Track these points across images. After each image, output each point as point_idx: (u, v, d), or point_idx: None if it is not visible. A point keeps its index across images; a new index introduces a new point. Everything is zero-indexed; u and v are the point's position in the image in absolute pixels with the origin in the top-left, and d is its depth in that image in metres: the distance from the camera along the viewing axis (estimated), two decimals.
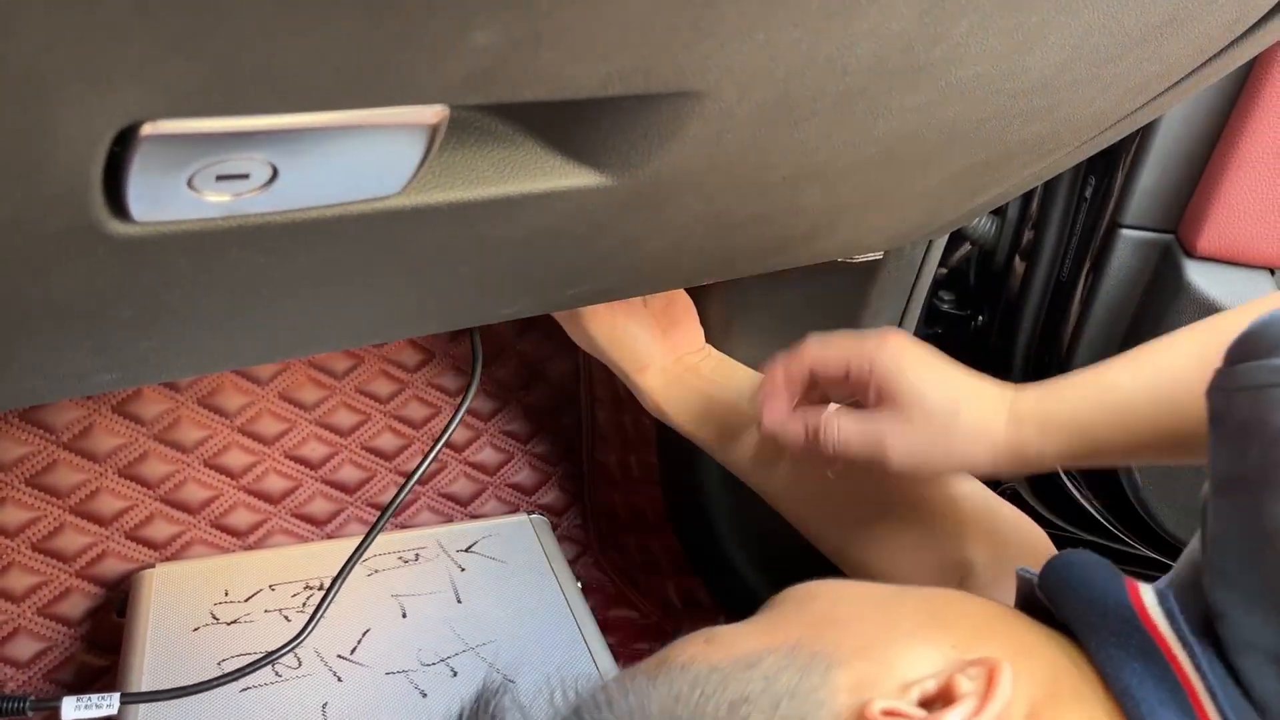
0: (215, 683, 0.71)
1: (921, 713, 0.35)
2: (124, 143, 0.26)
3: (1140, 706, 0.36)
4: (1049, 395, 0.55)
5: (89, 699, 0.68)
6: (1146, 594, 0.39)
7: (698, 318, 0.82)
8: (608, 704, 0.38)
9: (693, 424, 0.76)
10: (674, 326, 0.80)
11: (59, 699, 0.68)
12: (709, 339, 0.82)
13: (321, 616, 0.77)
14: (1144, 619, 0.38)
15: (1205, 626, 0.38)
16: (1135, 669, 0.37)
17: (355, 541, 0.80)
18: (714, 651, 0.40)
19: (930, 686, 0.37)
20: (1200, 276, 0.71)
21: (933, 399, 0.55)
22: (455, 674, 0.76)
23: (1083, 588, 0.41)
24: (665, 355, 0.79)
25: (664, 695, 0.37)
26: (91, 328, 0.37)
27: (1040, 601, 0.43)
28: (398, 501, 0.79)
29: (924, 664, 0.38)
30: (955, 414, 0.55)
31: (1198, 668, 0.36)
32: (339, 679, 0.74)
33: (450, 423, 0.78)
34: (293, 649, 0.75)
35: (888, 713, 0.35)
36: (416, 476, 0.79)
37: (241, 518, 0.94)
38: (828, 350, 0.60)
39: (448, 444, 1.04)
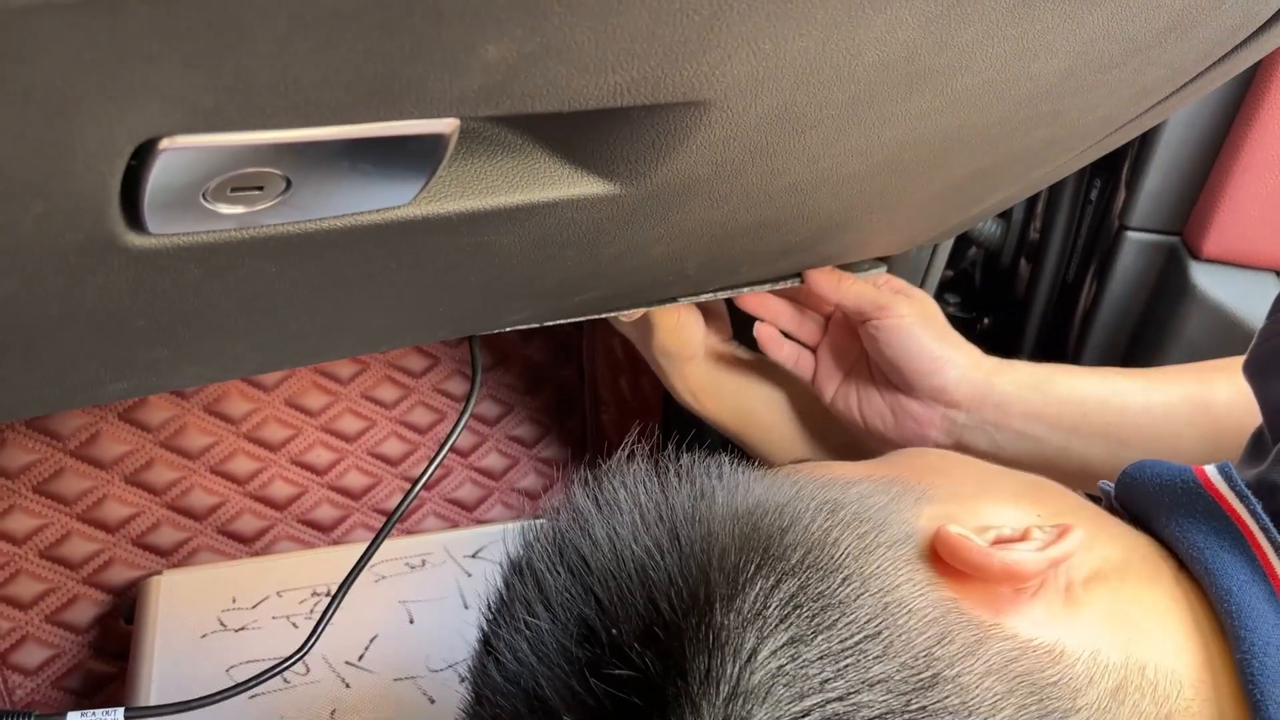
0: (221, 695, 0.71)
1: (985, 543, 0.37)
2: (142, 157, 0.27)
3: (1206, 555, 0.39)
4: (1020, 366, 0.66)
5: (93, 714, 0.69)
6: (1208, 468, 0.42)
7: (727, 311, 0.82)
8: (710, 495, 0.38)
9: (730, 414, 0.77)
10: (710, 317, 0.80)
11: (64, 713, 0.68)
12: None
13: (328, 624, 0.77)
14: (1206, 485, 0.41)
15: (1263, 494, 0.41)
16: (1202, 529, 0.40)
17: (362, 547, 0.80)
18: (818, 469, 0.42)
19: (1005, 533, 0.39)
20: (1206, 279, 0.71)
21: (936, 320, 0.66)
22: (463, 679, 0.76)
23: (1153, 478, 0.44)
24: (703, 345, 0.79)
25: (761, 488, 0.39)
26: (106, 338, 0.37)
27: (1118, 511, 0.46)
28: (404, 507, 0.79)
29: (1007, 519, 0.40)
30: (948, 330, 0.65)
31: (1256, 519, 0.39)
32: (347, 685, 0.74)
33: (454, 429, 0.78)
34: (301, 658, 0.75)
35: (959, 536, 0.37)
36: (422, 482, 0.79)
37: (248, 524, 0.95)
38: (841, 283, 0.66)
39: (453, 449, 1.04)
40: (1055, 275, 0.80)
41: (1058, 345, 0.81)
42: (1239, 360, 0.51)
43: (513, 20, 0.27)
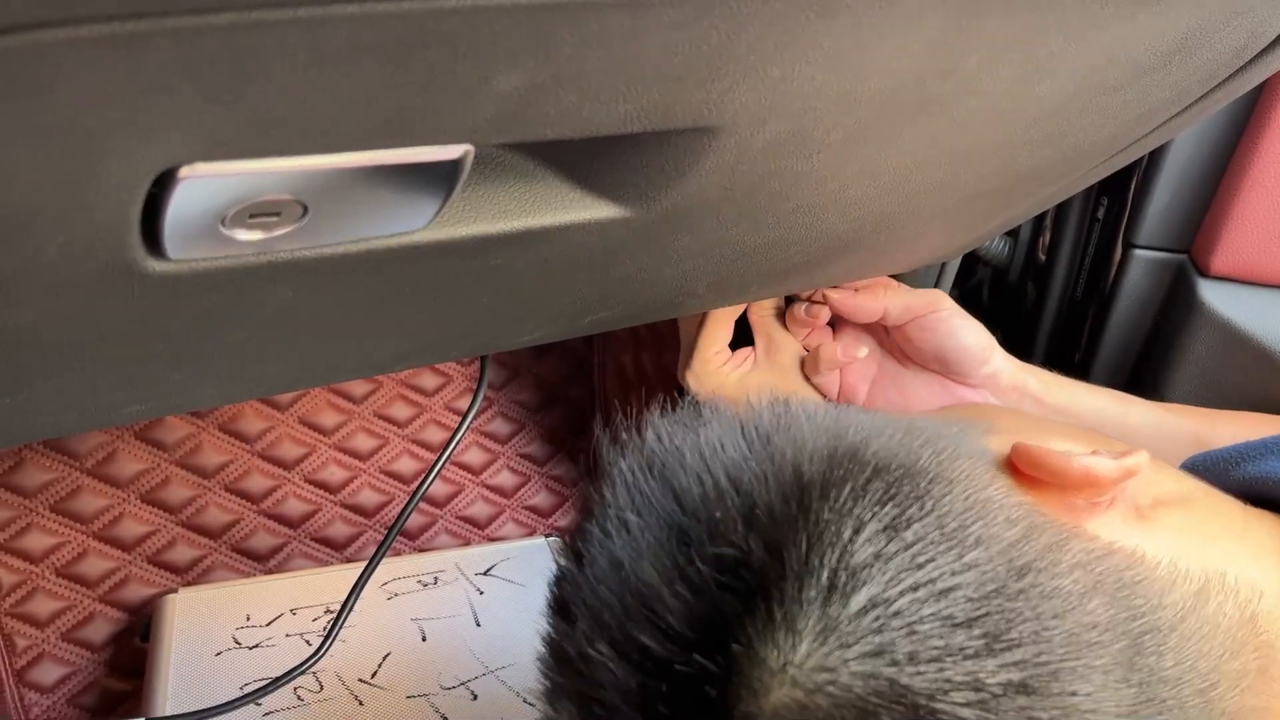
0: (234, 704, 0.72)
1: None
2: (162, 185, 0.27)
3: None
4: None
5: None
6: None
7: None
8: (793, 412, 0.39)
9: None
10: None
11: None
12: None
13: (336, 637, 0.78)
14: None
15: None
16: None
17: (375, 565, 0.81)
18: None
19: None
20: (1214, 296, 0.71)
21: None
22: (475, 697, 0.77)
23: (1212, 459, 0.46)
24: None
25: (838, 412, 0.39)
26: (125, 362, 0.38)
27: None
28: (405, 515, 0.79)
29: (1070, 449, 0.41)
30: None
31: None
32: (360, 702, 0.75)
33: (453, 438, 0.78)
34: (309, 668, 0.76)
35: (1037, 445, 0.38)
36: (421, 492, 0.79)
37: (262, 541, 0.95)
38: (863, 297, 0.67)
39: (465, 467, 1.05)
40: (1063, 293, 0.80)
41: (1065, 362, 0.81)
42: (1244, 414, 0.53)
43: (525, 52, 0.27)
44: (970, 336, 0.66)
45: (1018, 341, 0.85)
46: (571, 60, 0.28)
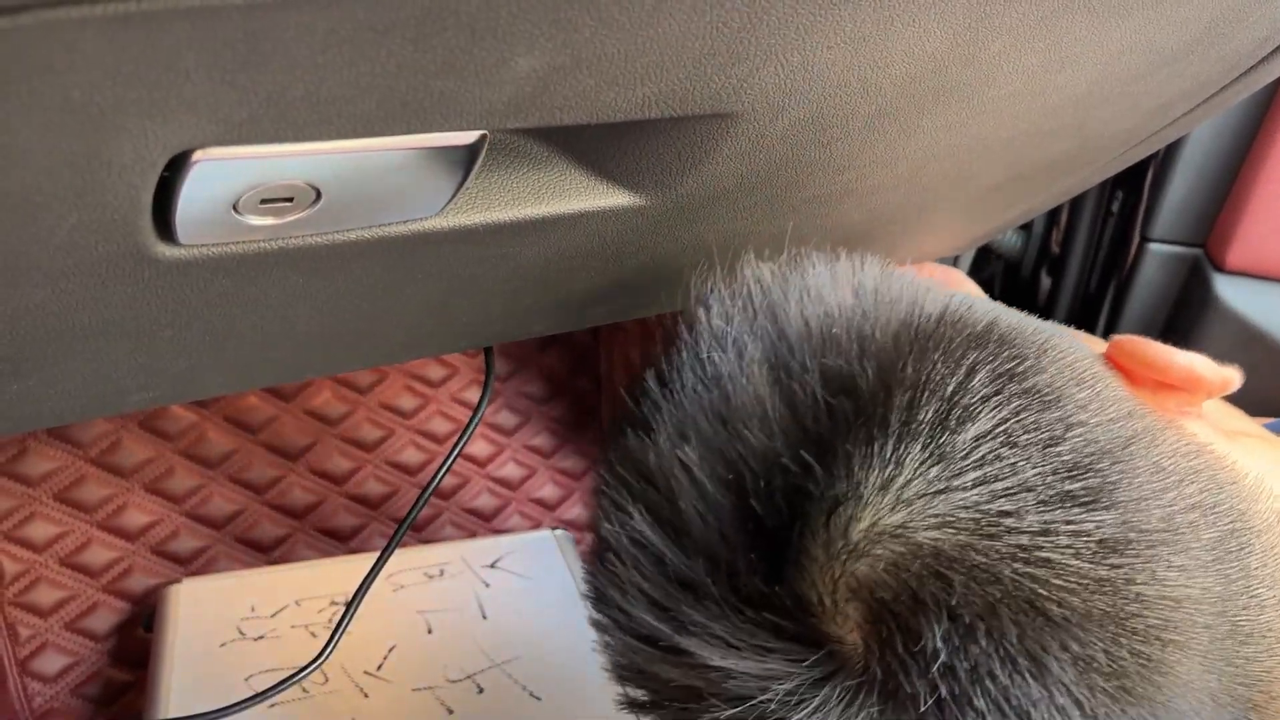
0: (243, 705, 0.72)
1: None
2: (175, 169, 0.27)
3: None
4: None
5: None
6: None
7: None
8: (891, 282, 0.37)
9: None
10: None
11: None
12: None
13: (343, 633, 0.77)
14: None
15: None
16: None
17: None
18: None
19: None
20: (1230, 291, 0.71)
21: None
22: (481, 690, 0.76)
23: None
24: None
25: (936, 283, 0.38)
26: (134, 348, 0.37)
27: None
28: (414, 513, 0.78)
29: None
30: None
31: None
32: (365, 695, 0.74)
33: (464, 431, 0.77)
34: (317, 667, 0.76)
35: (1140, 337, 0.38)
36: (432, 488, 0.79)
37: (266, 532, 0.95)
38: None
39: (471, 459, 1.04)
40: (1077, 287, 0.79)
41: None
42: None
43: (544, 34, 0.27)
44: None
45: None
46: (590, 43, 0.28)
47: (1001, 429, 0.31)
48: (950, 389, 0.31)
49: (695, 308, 0.37)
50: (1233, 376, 0.38)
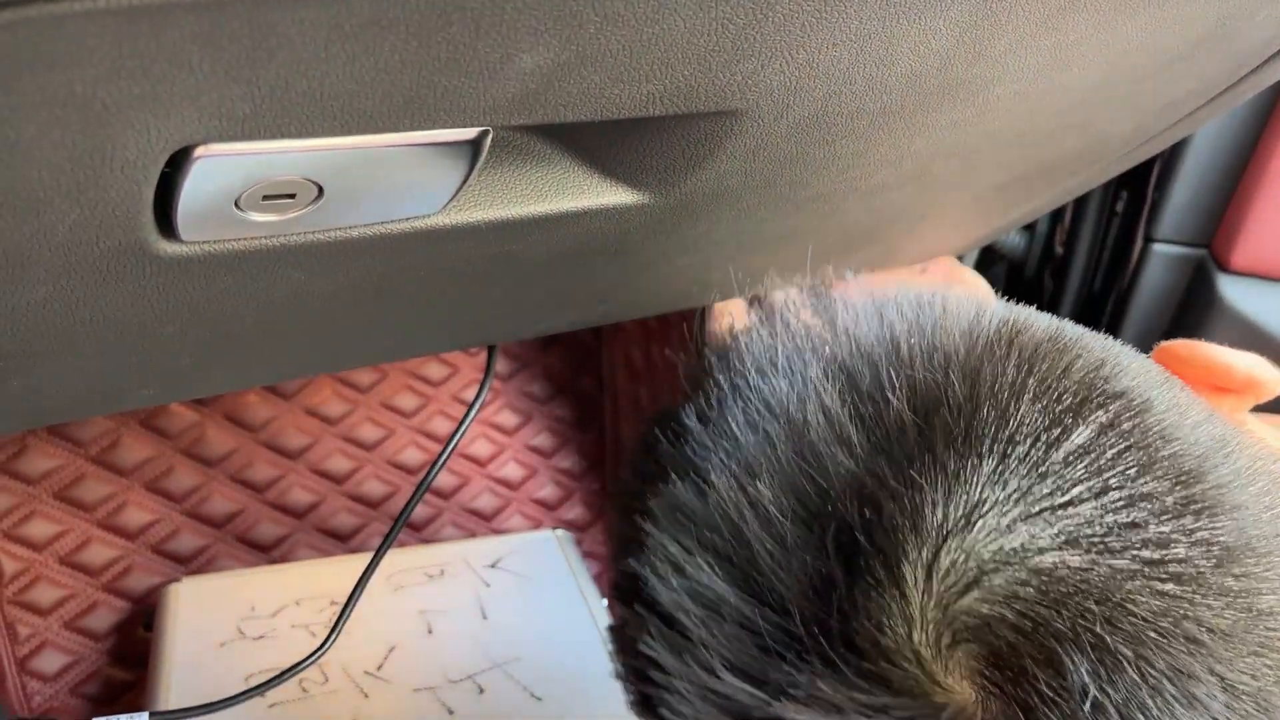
0: (241, 698, 0.71)
1: None
2: (176, 164, 0.27)
3: None
4: None
5: (117, 719, 0.69)
6: None
7: None
8: (932, 305, 0.35)
9: None
10: None
11: (86, 719, 0.68)
12: None
13: (341, 630, 0.77)
14: None
15: None
16: None
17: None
18: None
19: None
20: (1234, 291, 0.71)
21: None
22: (482, 691, 0.76)
23: None
24: None
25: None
26: (135, 345, 0.37)
27: None
28: (411, 506, 0.78)
29: None
30: None
31: None
32: (366, 695, 0.74)
33: (458, 428, 0.77)
34: (315, 661, 0.75)
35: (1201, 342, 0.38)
36: (427, 483, 0.78)
37: (266, 531, 0.95)
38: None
39: (472, 459, 1.04)
40: (1080, 288, 0.79)
41: None
42: None
43: (549, 29, 0.26)
44: None
45: None
46: (596, 39, 0.28)
47: (1103, 437, 0.28)
48: (1043, 398, 0.29)
49: (728, 336, 0.34)
50: None
